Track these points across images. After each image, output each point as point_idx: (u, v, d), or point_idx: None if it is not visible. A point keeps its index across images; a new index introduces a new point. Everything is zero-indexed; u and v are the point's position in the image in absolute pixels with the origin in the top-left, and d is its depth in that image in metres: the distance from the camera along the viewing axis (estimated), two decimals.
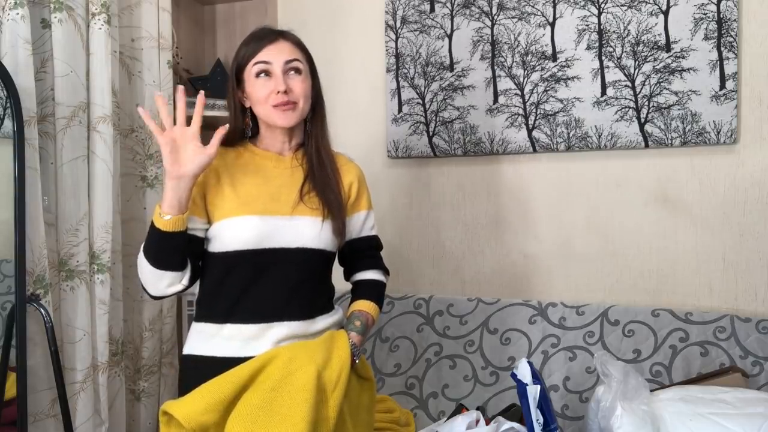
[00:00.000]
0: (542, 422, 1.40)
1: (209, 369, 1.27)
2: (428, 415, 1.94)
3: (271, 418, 1.14)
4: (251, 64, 1.34)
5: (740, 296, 1.92)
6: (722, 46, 1.87)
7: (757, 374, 1.73)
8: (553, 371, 1.90)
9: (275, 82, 1.33)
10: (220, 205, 1.34)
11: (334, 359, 1.27)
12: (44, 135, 1.72)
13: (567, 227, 2.10)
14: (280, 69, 1.33)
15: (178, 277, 1.30)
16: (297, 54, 1.37)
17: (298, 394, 1.17)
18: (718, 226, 1.94)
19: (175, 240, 1.26)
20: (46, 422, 1.70)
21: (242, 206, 1.32)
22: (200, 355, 1.34)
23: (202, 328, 1.37)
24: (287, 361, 1.22)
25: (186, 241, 1.29)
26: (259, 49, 1.34)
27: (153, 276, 1.28)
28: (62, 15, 1.71)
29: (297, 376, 1.20)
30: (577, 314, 1.96)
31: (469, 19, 2.15)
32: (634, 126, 1.97)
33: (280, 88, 1.32)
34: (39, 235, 1.64)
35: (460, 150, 2.18)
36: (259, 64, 1.33)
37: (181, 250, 1.29)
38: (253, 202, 1.33)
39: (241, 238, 1.31)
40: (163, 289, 1.30)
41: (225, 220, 1.32)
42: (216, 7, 2.57)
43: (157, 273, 1.28)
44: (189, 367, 1.36)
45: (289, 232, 1.34)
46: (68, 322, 1.76)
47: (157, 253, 1.27)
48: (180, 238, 1.27)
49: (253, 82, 1.35)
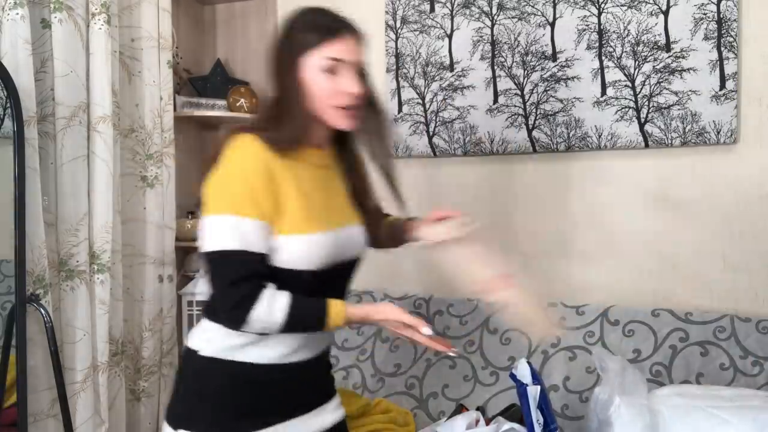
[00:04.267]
0: (542, 422, 1.40)
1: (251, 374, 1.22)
2: (428, 415, 1.94)
3: None
4: (320, 56, 1.18)
5: (740, 296, 1.92)
6: (722, 46, 1.87)
7: (757, 374, 1.73)
8: (553, 371, 1.90)
9: (347, 83, 1.20)
10: (288, 216, 1.19)
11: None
12: (44, 135, 1.72)
13: (567, 227, 2.10)
14: (353, 69, 1.21)
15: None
16: (363, 55, 1.25)
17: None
18: (718, 226, 1.94)
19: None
20: (46, 422, 1.70)
21: (311, 221, 1.20)
22: (247, 362, 1.23)
23: (244, 340, 1.24)
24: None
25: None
26: (331, 40, 1.19)
27: (261, 328, 1.18)
28: (62, 15, 1.71)
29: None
30: (577, 314, 1.96)
31: (469, 19, 2.15)
32: (634, 126, 1.97)
33: (355, 91, 1.20)
34: (39, 235, 1.64)
35: (460, 150, 2.18)
36: (331, 60, 1.18)
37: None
38: (318, 215, 1.21)
39: (312, 257, 1.20)
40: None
41: (295, 236, 1.19)
42: (216, 7, 2.57)
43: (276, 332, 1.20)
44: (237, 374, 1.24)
45: (349, 243, 1.27)
46: (68, 322, 1.76)
47: (296, 330, 1.20)
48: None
49: (316, 75, 1.19)
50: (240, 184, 1.15)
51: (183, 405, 1.25)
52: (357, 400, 1.89)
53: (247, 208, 1.14)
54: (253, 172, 1.15)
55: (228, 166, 1.16)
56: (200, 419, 1.22)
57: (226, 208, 1.14)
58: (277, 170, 1.17)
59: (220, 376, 1.23)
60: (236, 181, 1.15)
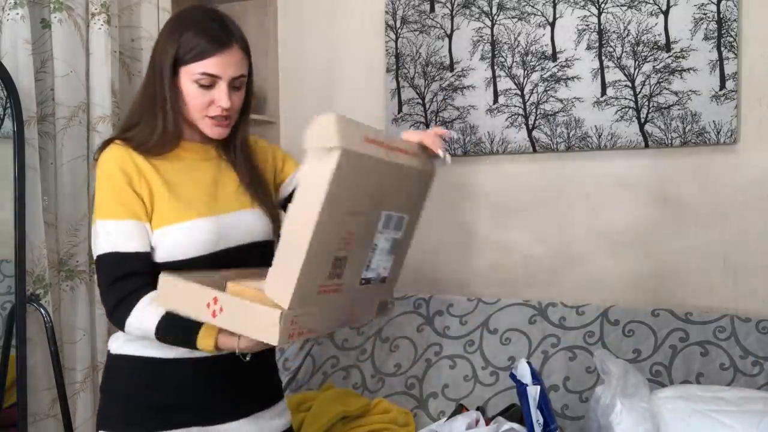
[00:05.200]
0: (542, 422, 1.40)
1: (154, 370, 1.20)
2: (428, 415, 1.94)
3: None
4: (196, 70, 1.19)
5: (740, 296, 1.92)
6: (722, 46, 1.87)
7: (757, 374, 1.73)
8: (553, 371, 1.89)
9: (218, 96, 1.20)
10: (159, 211, 1.20)
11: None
12: (44, 135, 1.72)
13: (567, 227, 2.10)
14: (226, 83, 1.21)
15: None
16: (244, 67, 1.25)
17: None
18: (718, 226, 1.94)
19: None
20: (46, 422, 1.70)
21: (183, 210, 1.20)
22: (147, 357, 1.21)
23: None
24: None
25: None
26: (208, 54, 1.18)
27: (141, 335, 1.17)
28: (62, 15, 1.71)
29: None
30: (577, 314, 1.96)
31: (469, 19, 2.15)
32: (634, 126, 1.97)
33: (224, 105, 1.21)
34: (39, 235, 1.64)
35: (460, 150, 2.18)
36: (206, 76, 1.19)
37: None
38: (191, 204, 1.21)
39: (192, 244, 1.19)
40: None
41: (169, 226, 1.19)
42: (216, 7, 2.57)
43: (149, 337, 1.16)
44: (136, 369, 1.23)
45: (237, 228, 1.25)
46: (68, 322, 1.76)
47: (167, 342, 1.16)
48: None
49: (189, 86, 1.20)
50: (104, 189, 1.19)
51: (101, 405, 1.26)
52: (357, 400, 1.89)
53: (112, 211, 1.17)
54: (115, 175, 1.18)
55: (97, 175, 1.21)
56: (115, 418, 1.22)
57: (96, 215, 1.19)
58: (143, 169, 1.20)
59: (127, 371, 1.23)
60: (101, 188, 1.19)
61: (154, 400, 1.21)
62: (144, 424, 1.20)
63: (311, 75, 2.43)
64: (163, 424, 1.19)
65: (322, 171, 0.91)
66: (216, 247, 1.21)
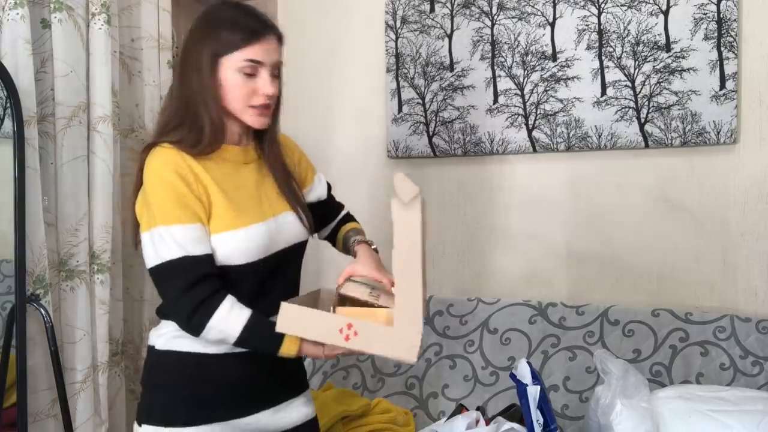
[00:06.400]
0: (542, 422, 1.40)
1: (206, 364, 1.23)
2: (428, 415, 1.94)
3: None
4: (240, 58, 1.20)
5: (740, 296, 1.92)
6: (722, 46, 1.87)
7: (757, 374, 1.73)
8: (553, 371, 1.90)
9: (262, 84, 1.22)
10: (217, 216, 1.20)
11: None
12: (44, 135, 1.72)
13: (567, 227, 2.10)
14: (269, 71, 1.23)
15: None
16: (281, 54, 1.27)
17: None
18: (718, 226, 1.94)
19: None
20: (46, 422, 1.70)
21: (240, 216, 1.21)
22: (199, 352, 1.23)
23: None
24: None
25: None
26: (252, 42, 1.20)
27: (217, 338, 1.19)
28: (62, 15, 1.71)
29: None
30: (577, 314, 1.96)
31: (469, 19, 2.15)
32: (634, 126, 1.97)
33: (269, 92, 1.22)
34: (39, 235, 1.64)
35: (460, 150, 2.18)
36: (250, 63, 1.20)
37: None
38: (245, 209, 1.23)
39: (249, 250, 1.21)
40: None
41: (228, 232, 1.20)
42: None
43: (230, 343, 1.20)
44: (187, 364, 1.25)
45: (284, 231, 1.28)
46: (68, 322, 1.76)
47: (247, 347, 1.21)
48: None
49: (233, 76, 1.21)
50: (163, 194, 1.16)
51: (144, 400, 1.27)
52: (357, 400, 1.89)
53: (176, 215, 1.16)
54: (173, 179, 1.16)
55: (149, 180, 1.18)
56: (159, 412, 1.23)
57: (156, 220, 1.16)
58: (198, 172, 1.19)
59: (174, 366, 1.24)
60: (158, 193, 1.17)
61: (199, 393, 1.23)
62: (188, 418, 1.22)
63: (311, 75, 2.43)
64: (206, 417, 1.22)
65: (411, 217, 1.13)
66: (267, 251, 1.24)
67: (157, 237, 1.16)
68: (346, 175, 2.30)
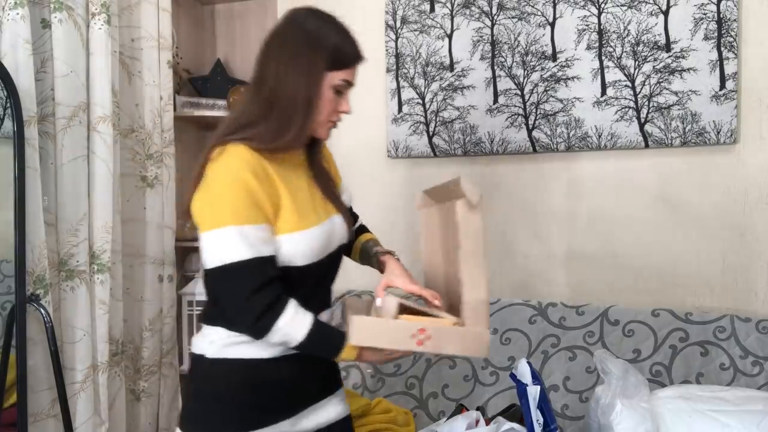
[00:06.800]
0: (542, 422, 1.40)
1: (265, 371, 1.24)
2: (428, 415, 1.94)
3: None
4: (340, 77, 1.23)
5: (740, 296, 1.92)
6: (722, 46, 1.87)
7: (757, 374, 1.73)
8: (553, 371, 1.90)
9: (344, 103, 1.27)
10: (285, 217, 1.20)
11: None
12: (44, 135, 1.72)
13: (567, 227, 2.10)
14: (349, 92, 1.28)
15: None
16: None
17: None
18: (718, 226, 1.94)
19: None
20: (46, 422, 1.70)
21: (304, 217, 1.22)
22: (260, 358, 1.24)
23: (246, 338, 1.23)
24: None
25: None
26: (354, 63, 1.26)
27: (280, 341, 1.20)
28: (62, 15, 1.71)
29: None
30: (577, 314, 1.96)
31: (469, 19, 2.15)
32: (634, 126, 1.97)
33: (349, 111, 1.28)
34: (39, 235, 1.64)
35: (460, 150, 2.18)
36: (345, 83, 1.25)
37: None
38: (307, 211, 1.24)
39: (313, 252, 1.22)
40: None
41: (295, 233, 1.20)
42: (216, 7, 2.57)
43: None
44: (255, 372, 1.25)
45: (335, 234, 1.30)
46: (68, 322, 1.76)
47: (306, 351, 1.22)
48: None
49: (327, 91, 1.23)
50: (235, 192, 1.15)
51: (195, 409, 1.25)
52: (357, 400, 1.89)
53: (248, 216, 1.14)
54: (247, 178, 1.15)
55: (219, 178, 1.16)
56: (213, 421, 1.22)
57: (227, 220, 1.13)
58: (270, 172, 1.19)
59: (229, 374, 1.23)
60: (232, 191, 1.15)
61: (251, 399, 1.23)
62: (241, 425, 1.22)
63: None
64: (257, 423, 1.22)
65: (476, 219, 1.21)
66: (323, 253, 1.25)
67: (225, 237, 1.13)
68: (346, 175, 2.29)
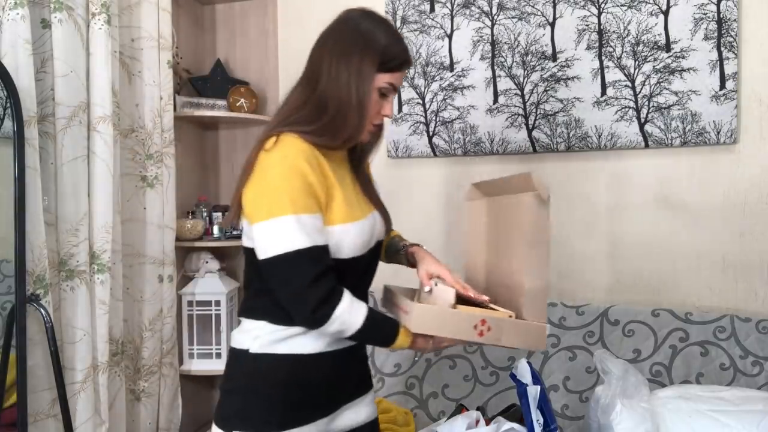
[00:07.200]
0: (542, 422, 1.40)
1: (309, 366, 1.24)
2: (428, 415, 1.94)
3: None
4: (386, 80, 1.24)
5: (740, 296, 1.92)
6: (722, 46, 1.87)
7: (757, 374, 1.73)
8: (553, 371, 1.90)
9: (388, 106, 1.28)
10: (335, 208, 1.21)
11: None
12: (44, 135, 1.72)
13: (567, 227, 2.10)
14: (393, 97, 1.29)
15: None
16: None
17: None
18: (718, 226, 1.94)
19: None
20: (46, 422, 1.70)
21: (353, 209, 1.24)
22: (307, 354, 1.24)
23: (292, 332, 1.23)
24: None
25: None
26: (402, 68, 1.26)
27: (338, 330, 1.21)
28: (62, 15, 1.71)
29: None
30: (577, 314, 1.96)
31: (469, 19, 2.15)
32: (634, 126, 1.97)
33: (391, 115, 1.30)
34: (39, 235, 1.64)
35: (460, 150, 2.18)
36: (390, 86, 1.25)
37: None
38: (354, 204, 1.25)
39: (361, 243, 1.24)
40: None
41: (347, 224, 1.21)
42: (216, 7, 2.57)
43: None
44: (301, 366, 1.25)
45: (376, 228, 1.31)
46: (68, 322, 1.76)
47: (361, 340, 1.24)
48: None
49: (374, 93, 1.25)
50: (292, 181, 1.15)
51: (236, 406, 1.24)
52: None
53: (305, 204, 1.15)
54: (304, 168, 1.16)
55: (275, 168, 1.16)
56: (253, 418, 1.21)
57: (285, 209, 1.14)
58: (322, 164, 1.20)
59: (274, 370, 1.22)
60: (289, 180, 1.15)
61: (294, 396, 1.22)
62: (282, 421, 1.21)
63: None
64: (298, 420, 1.21)
65: (546, 213, 1.25)
66: (367, 247, 1.26)
67: (284, 225, 1.13)
68: None
